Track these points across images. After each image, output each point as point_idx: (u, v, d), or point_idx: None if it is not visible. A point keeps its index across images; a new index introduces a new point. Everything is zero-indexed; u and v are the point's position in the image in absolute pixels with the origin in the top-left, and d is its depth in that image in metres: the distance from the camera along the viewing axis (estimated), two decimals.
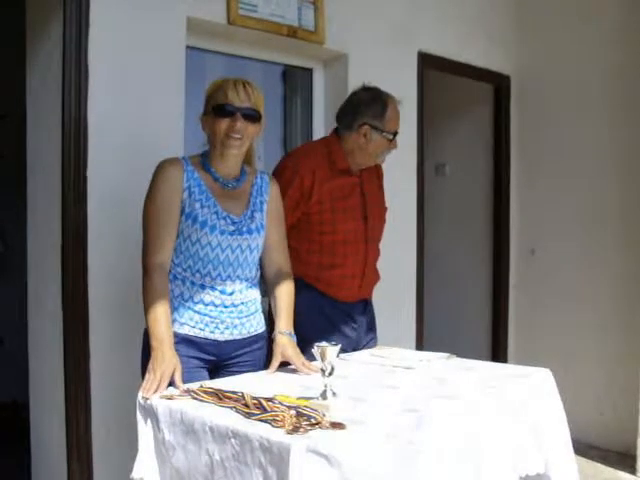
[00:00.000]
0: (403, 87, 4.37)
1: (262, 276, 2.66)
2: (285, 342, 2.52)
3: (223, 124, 2.44)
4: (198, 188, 2.46)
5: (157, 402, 2.05)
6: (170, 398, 2.07)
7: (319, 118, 4.22)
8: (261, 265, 2.64)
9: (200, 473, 1.88)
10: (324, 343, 1.97)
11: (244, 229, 2.50)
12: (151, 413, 2.06)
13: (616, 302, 4.66)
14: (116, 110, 3.07)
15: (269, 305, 2.77)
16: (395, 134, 3.14)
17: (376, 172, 3.34)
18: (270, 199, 2.64)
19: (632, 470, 4.29)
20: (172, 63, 3.27)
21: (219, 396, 2.04)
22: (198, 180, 2.47)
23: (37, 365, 3.23)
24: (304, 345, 2.65)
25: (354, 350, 3.11)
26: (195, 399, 2.05)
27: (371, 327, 3.32)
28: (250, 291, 2.55)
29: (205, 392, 2.08)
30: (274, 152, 4.23)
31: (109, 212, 3.04)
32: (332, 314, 3.12)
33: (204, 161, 2.53)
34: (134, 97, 3.13)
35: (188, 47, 3.37)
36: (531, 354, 4.94)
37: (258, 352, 2.59)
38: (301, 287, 2.95)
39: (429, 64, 4.56)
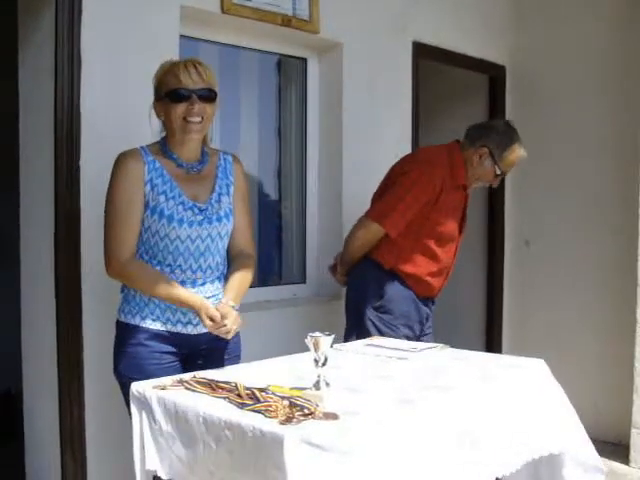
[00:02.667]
0: (398, 77, 4.38)
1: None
2: (229, 308, 2.36)
3: (179, 109, 2.37)
4: (161, 179, 2.41)
5: (151, 393, 2.04)
6: (163, 388, 2.06)
7: (313, 107, 4.21)
8: None
9: (201, 462, 1.87)
10: (317, 333, 1.96)
11: (213, 217, 2.46)
12: (145, 404, 2.05)
13: (611, 294, 4.67)
14: (109, 99, 3.06)
15: None
16: (503, 174, 3.38)
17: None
18: (235, 179, 2.59)
19: (625, 460, 4.31)
20: (165, 52, 3.23)
21: (212, 386, 2.03)
22: (160, 170, 2.42)
23: (30, 354, 3.21)
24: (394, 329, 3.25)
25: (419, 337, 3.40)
26: (188, 389, 2.04)
27: (430, 317, 3.57)
28: (220, 283, 2.52)
29: (198, 382, 2.07)
30: (269, 141, 4.22)
31: (101, 200, 3.01)
32: (420, 305, 3.42)
33: (164, 148, 2.47)
34: (127, 86, 3.11)
35: (182, 36, 3.35)
36: (525, 345, 4.96)
37: (232, 342, 2.51)
38: (394, 279, 3.36)
39: (424, 54, 4.54)
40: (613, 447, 4.49)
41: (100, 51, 3.03)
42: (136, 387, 2.10)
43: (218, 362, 2.49)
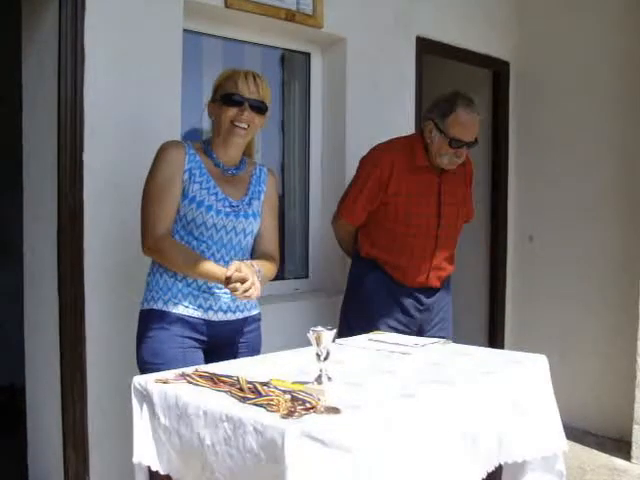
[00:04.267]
0: (401, 72, 4.37)
1: None
2: (245, 265, 2.37)
3: (230, 112, 2.50)
4: (199, 170, 2.50)
5: (152, 386, 2.04)
6: (165, 382, 2.06)
7: (317, 102, 4.21)
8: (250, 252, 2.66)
9: (197, 456, 1.88)
10: (319, 327, 1.96)
11: (241, 212, 2.54)
12: (147, 397, 2.05)
13: (613, 290, 4.66)
14: (112, 94, 3.06)
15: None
16: (457, 143, 3.24)
17: (464, 178, 3.51)
18: (267, 189, 2.69)
19: (627, 456, 4.30)
20: (169, 47, 3.25)
21: (214, 380, 2.03)
22: (199, 163, 2.51)
23: (33, 349, 3.22)
24: (371, 320, 3.18)
25: (419, 331, 3.37)
26: (190, 383, 2.05)
27: (441, 308, 3.50)
28: None
29: (200, 376, 2.07)
30: (271, 136, 4.21)
31: (105, 196, 3.03)
32: (398, 293, 3.37)
33: (206, 147, 2.57)
34: (130, 81, 3.11)
35: (185, 31, 3.35)
36: (528, 340, 4.95)
37: (252, 334, 2.60)
38: (372, 267, 3.39)
39: (428, 49, 4.53)
40: (615, 443, 4.50)
41: (103, 48, 3.03)
42: (138, 380, 2.10)
43: (236, 353, 2.55)
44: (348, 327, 3.24)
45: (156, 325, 2.45)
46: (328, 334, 1.95)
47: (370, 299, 3.36)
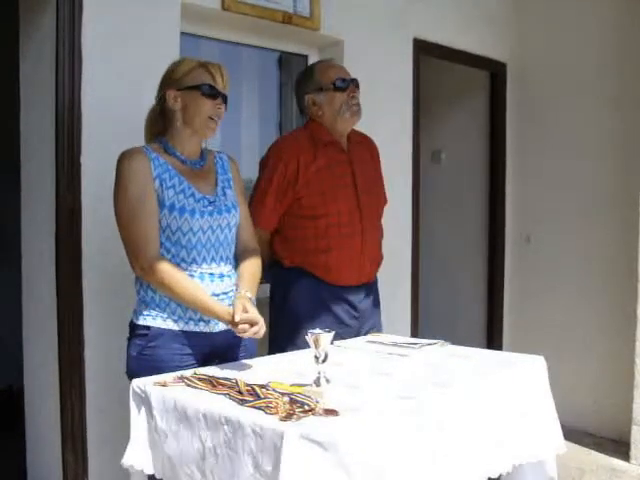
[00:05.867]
0: (398, 74, 4.38)
1: None
2: (247, 301, 2.35)
3: (209, 105, 2.43)
4: (168, 174, 2.40)
5: (151, 389, 2.05)
6: (164, 385, 2.06)
7: None
8: None
9: (192, 460, 1.88)
10: (318, 330, 1.97)
11: (222, 208, 2.48)
12: (145, 400, 2.06)
13: (611, 290, 4.67)
14: (110, 96, 3.06)
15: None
16: (342, 81, 3.09)
17: (370, 152, 3.31)
18: (233, 175, 2.63)
19: (626, 457, 4.30)
20: (166, 49, 3.24)
21: (213, 383, 2.04)
22: (165, 165, 2.41)
23: (31, 351, 3.22)
24: (302, 334, 2.61)
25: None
26: (189, 386, 2.05)
27: (372, 314, 3.24)
28: (234, 276, 2.52)
29: (199, 379, 2.08)
30: (270, 138, 4.20)
31: (103, 198, 3.00)
32: (330, 302, 3.07)
33: (165, 146, 2.47)
34: (128, 83, 3.11)
35: (182, 33, 3.35)
36: (526, 341, 4.97)
37: (247, 339, 2.53)
38: (299, 276, 3.05)
39: (425, 51, 4.54)
40: (613, 444, 4.50)
41: (101, 48, 3.03)
42: (137, 383, 2.10)
43: (236, 359, 2.48)
44: (278, 344, 2.98)
45: (153, 344, 2.37)
46: (326, 336, 1.96)
47: (299, 313, 3.02)
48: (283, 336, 3.01)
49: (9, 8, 3.30)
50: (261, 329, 2.31)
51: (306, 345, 2.07)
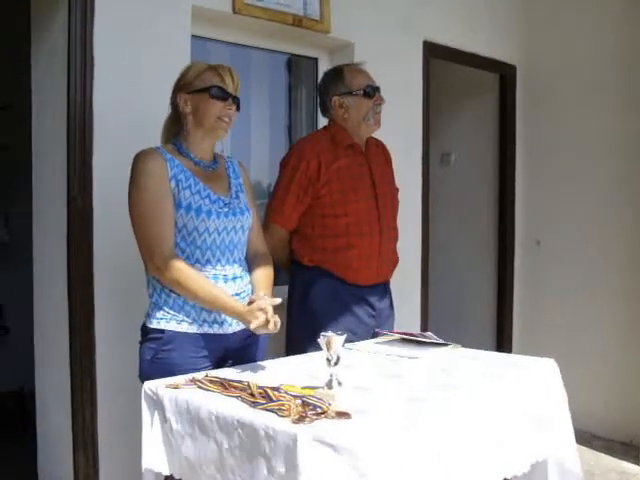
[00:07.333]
0: (408, 76, 4.38)
1: None
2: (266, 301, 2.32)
3: (218, 106, 2.45)
4: (183, 174, 2.42)
5: (163, 392, 2.05)
6: (176, 387, 2.07)
7: None
8: None
9: (210, 460, 1.88)
10: (330, 333, 1.97)
11: (237, 210, 2.50)
12: (157, 402, 2.06)
13: (621, 293, 4.65)
14: (121, 99, 3.07)
15: None
16: (371, 89, 3.17)
17: (384, 156, 3.37)
18: (243, 181, 2.66)
19: (636, 460, 4.29)
20: (177, 52, 3.25)
21: (225, 385, 2.04)
22: (180, 166, 2.43)
23: (43, 354, 3.23)
24: (323, 325, 2.76)
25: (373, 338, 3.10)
26: (201, 388, 2.05)
27: (389, 314, 3.31)
28: (247, 278, 2.54)
29: (211, 381, 2.08)
30: (279, 141, 4.22)
31: (114, 200, 3.02)
32: (349, 301, 3.12)
33: (179, 148, 2.49)
34: (139, 85, 3.12)
35: (193, 36, 3.36)
36: (536, 344, 4.95)
37: (261, 337, 2.52)
38: (318, 275, 3.10)
39: (434, 53, 4.54)
40: (624, 446, 4.49)
41: (112, 51, 3.05)
42: (149, 386, 2.11)
43: (250, 359, 2.49)
44: (297, 344, 3.00)
45: (167, 347, 2.37)
46: (338, 339, 1.96)
47: (319, 312, 3.06)
48: (303, 335, 2.98)
49: (22, 12, 3.32)
50: (272, 320, 2.26)
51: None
